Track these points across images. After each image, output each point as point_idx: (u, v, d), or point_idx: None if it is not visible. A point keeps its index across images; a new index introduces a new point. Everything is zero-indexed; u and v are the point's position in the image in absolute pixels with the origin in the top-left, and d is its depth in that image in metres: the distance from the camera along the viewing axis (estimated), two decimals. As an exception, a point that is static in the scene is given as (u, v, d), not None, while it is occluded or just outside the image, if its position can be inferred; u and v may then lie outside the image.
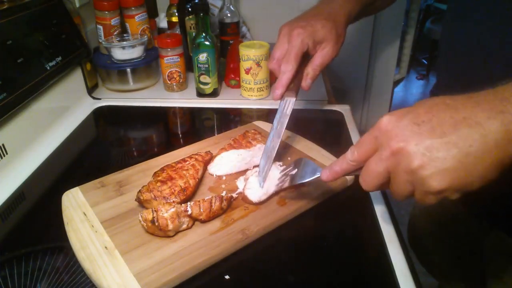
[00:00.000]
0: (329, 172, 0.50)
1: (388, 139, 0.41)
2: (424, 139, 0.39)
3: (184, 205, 0.57)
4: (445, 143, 0.38)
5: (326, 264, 0.56)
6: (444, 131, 0.38)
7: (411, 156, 0.39)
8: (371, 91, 1.74)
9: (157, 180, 0.63)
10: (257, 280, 0.54)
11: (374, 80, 1.71)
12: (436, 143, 0.38)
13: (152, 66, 1.12)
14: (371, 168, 0.43)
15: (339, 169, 0.48)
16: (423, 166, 0.39)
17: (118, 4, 1.08)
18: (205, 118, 1.04)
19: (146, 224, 0.55)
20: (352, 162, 0.46)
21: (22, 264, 0.56)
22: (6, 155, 0.76)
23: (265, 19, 1.42)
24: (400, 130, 0.40)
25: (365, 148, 0.44)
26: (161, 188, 0.61)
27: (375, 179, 0.44)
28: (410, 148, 0.39)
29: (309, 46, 0.64)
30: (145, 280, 0.50)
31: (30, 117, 0.83)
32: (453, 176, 0.38)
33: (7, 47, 0.77)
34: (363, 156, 0.45)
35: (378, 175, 0.43)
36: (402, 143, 0.40)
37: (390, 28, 1.58)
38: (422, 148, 0.39)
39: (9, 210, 0.69)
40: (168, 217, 0.54)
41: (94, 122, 1.00)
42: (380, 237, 0.59)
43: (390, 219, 0.63)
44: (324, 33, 0.64)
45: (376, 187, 0.45)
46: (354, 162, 0.46)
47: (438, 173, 0.38)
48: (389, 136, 0.41)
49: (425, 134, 0.39)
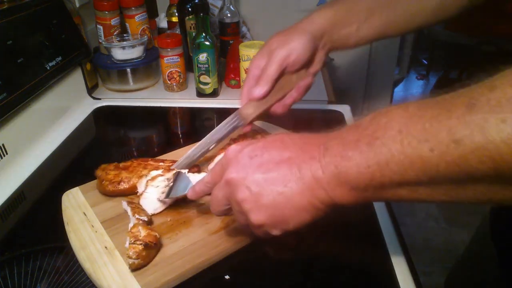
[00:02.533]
0: (192, 191, 0.52)
1: (226, 168, 0.43)
2: (251, 173, 0.40)
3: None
4: (265, 179, 0.40)
5: (325, 264, 0.56)
6: (269, 168, 0.40)
7: (238, 188, 0.41)
8: (371, 91, 1.74)
9: (116, 165, 0.67)
10: (257, 280, 0.54)
11: (374, 80, 1.71)
12: (259, 179, 0.40)
13: (152, 66, 1.12)
14: (213, 194, 0.46)
15: (199, 190, 0.50)
16: (245, 200, 0.41)
17: (118, 4, 1.08)
18: (205, 118, 1.04)
19: None
20: (207, 183, 0.48)
21: (22, 264, 0.56)
22: (6, 155, 0.76)
23: (265, 19, 1.42)
24: (236, 161, 0.42)
25: (215, 173, 0.46)
26: (110, 171, 0.65)
27: (217, 205, 0.46)
28: (238, 180, 0.41)
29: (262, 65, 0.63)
30: (145, 280, 0.49)
31: (30, 117, 0.83)
32: (268, 212, 0.40)
33: (7, 47, 0.77)
34: (213, 180, 0.47)
35: (218, 202, 0.45)
36: (233, 174, 0.42)
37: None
38: (248, 181, 0.40)
39: (9, 210, 0.69)
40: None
41: (94, 122, 1.00)
42: (380, 237, 0.59)
43: (390, 219, 0.63)
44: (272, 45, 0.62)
45: (219, 212, 0.47)
46: (209, 184, 0.48)
47: (256, 208, 0.40)
48: (227, 165, 0.43)
49: (253, 168, 0.41)
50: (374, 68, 1.68)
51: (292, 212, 0.40)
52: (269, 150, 0.41)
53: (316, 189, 0.38)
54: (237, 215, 0.44)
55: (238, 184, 0.41)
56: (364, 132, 0.36)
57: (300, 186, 0.39)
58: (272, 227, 0.42)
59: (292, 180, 0.39)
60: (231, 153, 0.44)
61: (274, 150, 0.41)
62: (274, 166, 0.40)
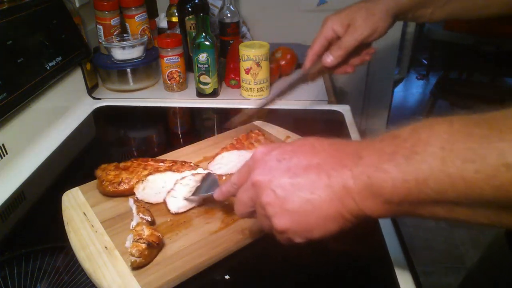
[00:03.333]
0: (219, 191, 0.51)
1: (253, 170, 0.42)
2: (278, 176, 0.39)
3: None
4: (292, 184, 0.38)
5: (325, 264, 0.56)
6: (297, 172, 0.38)
7: (263, 191, 0.40)
8: (371, 91, 1.74)
9: (116, 165, 0.67)
10: (257, 280, 0.54)
11: (374, 80, 1.71)
12: (286, 183, 0.38)
13: (152, 66, 1.12)
14: (238, 195, 0.45)
15: (225, 190, 0.49)
16: (270, 203, 0.39)
17: (118, 4, 1.08)
18: (205, 118, 1.04)
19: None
20: (234, 185, 0.47)
21: (22, 264, 0.56)
22: (6, 155, 0.76)
23: (265, 19, 1.42)
24: (263, 162, 0.41)
25: (242, 174, 0.45)
26: (110, 172, 0.66)
27: (241, 206, 0.45)
28: (264, 183, 0.40)
29: (339, 31, 0.67)
30: (145, 280, 0.50)
31: (30, 117, 0.83)
32: (293, 219, 0.39)
33: (7, 47, 0.77)
34: (239, 181, 0.46)
35: (243, 203, 0.44)
36: (260, 176, 0.40)
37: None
38: (274, 185, 0.39)
39: (9, 210, 0.69)
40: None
41: (94, 122, 1.00)
42: (380, 237, 0.59)
43: (390, 219, 0.63)
44: (355, 16, 0.66)
45: (243, 214, 0.46)
46: (235, 185, 0.47)
47: (281, 213, 0.39)
48: (254, 167, 0.42)
49: (280, 172, 0.39)
50: (374, 68, 1.68)
51: (318, 221, 0.38)
52: (297, 154, 0.40)
53: (346, 198, 0.37)
54: (261, 219, 0.43)
55: (264, 187, 0.40)
56: (403, 144, 0.34)
57: (328, 194, 0.37)
58: (295, 234, 0.40)
59: (320, 188, 0.37)
60: (258, 155, 0.43)
61: (303, 155, 0.40)
62: (302, 172, 0.38)
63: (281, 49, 1.16)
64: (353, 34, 0.65)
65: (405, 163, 0.33)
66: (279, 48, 1.17)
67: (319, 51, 0.70)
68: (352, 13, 0.66)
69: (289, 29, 1.39)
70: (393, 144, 0.35)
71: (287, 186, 0.38)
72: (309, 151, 0.40)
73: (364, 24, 0.65)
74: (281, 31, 1.37)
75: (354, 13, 0.66)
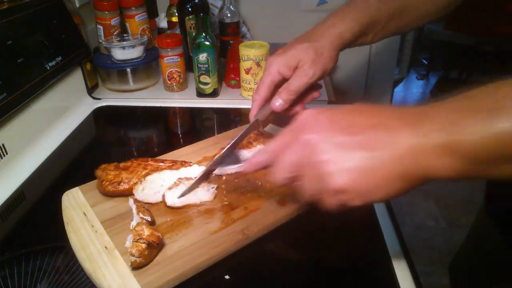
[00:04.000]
0: (249, 163, 0.49)
1: (301, 131, 0.41)
2: (333, 135, 0.38)
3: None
4: (352, 141, 0.37)
5: (326, 264, 0.56)
6: (355, 131, 0.37)
7: (317, 150, 0.38)
8: (371, 91, 1.74)
9: (116, 165, 0.67)
10: (257, 280, 0.54)
11: (374, 80, 1.71)
12: (345, 140, 0.37)
13: (152, 66, 1.12)
14: (280, 159, 0.43)
15: (257, 161, 0.48)
16: (326, 161, 0.38)
17: (118, 4, 1.08)
18: (205, 118, 1.04)
19: None
20: (268, 153, 0.46)
21: (22, 264, 0.56)
22: (6, 155, 0.76)
23: (265, 19, 1.42)
24: (313, 124, 0.40)
25: (281, 140, 0.44)
26: (110, 172, 0.65)
27: (283, 171, 0.43)
28: (318, 142, 0.38)
29: (285, 73, 0.63)
30: (145, 280, 0.50)
31: (30, 117, 0.83)
32: (352, 178, 0.37)
33: (7, 47, 0.77)
34: (279, 147, 0.44)
35: (286, 167, 0.42)
36: (313, 135, 0.39)
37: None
38: (330, 143, 0.38)
39: (9, 210, 0.69)
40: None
41: (94, 122, 1.00)
42: (380, 237, 0.59)
43: (390, 219, 0.63)
44: (303, 58, 0.62)
45: (284, 179, 0.43)
46: (270, 153, 0.45)
47: (339, 171, 0.37)
48: (302, 128, 0.41)
49: (336, 131, 0.38)
50: (374, 68, 1.68)
51: (380, 181, 0.36)
52: (353, 115, 0.39)
53: (413, 158, 0.35)
54: (308, 182, 0.40)
55: (319, 144, 0.38)
56: (482, 101, 0.34)
57: (392, 153, 0.35)
58: (354, 196, 0.38)
59: (383, 147, 0.36)
60: (306, 116, 0.41)
61: (360, 115, 0.39)
62: (362, 130, 0.37)
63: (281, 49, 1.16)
64: (303, 78, 0.61)
65: (488, 118, 0.32)
66: (279, 48, 1.17)
67: (266, 96, 0.65)
68: (299, 54, 0.62)
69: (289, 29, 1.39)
70: (470, 102, 0.34)
71: (346, 144, 0.37)
72: (366, 112, 0.39)
73: (314, 66, 0.61)
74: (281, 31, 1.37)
75: (301, 54, 0.62)
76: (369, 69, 1.69)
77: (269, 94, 0.65)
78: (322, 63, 0.62)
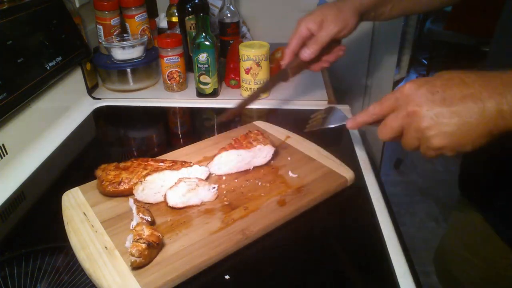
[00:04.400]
0: (353, 121, 0.59)
1: (406, 102, 0.49)
2: (435, 106, 0.47)
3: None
4: (451, 111, 0.46)
5: (326, 264, 0.56)
6: (453, 102, 0.46)
7: (422, 119, 0.48)
8: (371, 91, 1.74)
9: (117, 165, 0.67)
10: (257, 280, 0.54)
11: (374, 80, 1.71)
12: (444, 111, 0.46)
13: (152, 66, 1.12)
14: (388, 123, 0.52)
15: (361, 120, 0.58)
16: (430, 127, 0.47)
17: (118, 4, 1.08)
18: (205, 118, 1.04)
19: None
20: (373, 115, 0.55)
21: (22, 264, 0.56)
22: (6, 155, 0.76)
23: (265, 19, 1.42)
24: (417, 96, 0.48)
25: (386, 105, 0.53)
26: (110, 172, 0.66)
27: (390, 132, 0.52)
28: (422, 112, 0.48)
29: (313, 28, 0.73)
30: (145, 280, 0.50)
31: (30, 117, 0.83)
32: (451, 138, 0.47)
33: (7, 47, 0.77)
34: (382, 111, 0.53)
35: (393, 130, 0.52)
36: (416, 107, 0.48)
37: (390, 28, 1.58)
38: (432, 113, 0.47)
39: (9, 210, 0.69)
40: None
41: (94, 122, 1.00)
42: (380, 237, 0.59)
43: (390, 219, 0.63)
44: (326, 13, 0.72)
45: (390, 138, 0.53)
46: (375, 116, 0.55)
47: (440, 134, 0.47)
48: (407, 100, 0.49)
49: (436, 102, 0.47)
50: (374, 68, 1.68)
51: (472, 138, 0.46)
52: (450, 87, 0.47)
53: (499, 120, 0.44)
54: (410, 141, 0.50)
55: (423, 115, 0.47)
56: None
57: (484, 117, 0.45)
58: (450, 150, 0.48)
59: (477, 113, 0.45)
60: (408, 89, 0.49)
61: (455, 87, 0.47)
62: (458, 101, 0.46)
63: (281, 49, 1.16)
64: (327, 29, 0.72)
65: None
66: (279, 48, 1.17)
67: (295, 49, 0.76)
68: (324, 11, 0.73)
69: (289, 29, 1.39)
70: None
71: (446, 113, 0.46)
72: (460, 83, 0.47)
73: (336, 19, 0.71)
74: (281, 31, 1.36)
75: (325, 11, 0.73)
76: (369, 69, 1.68)
77: (298, 48, 0.75)
78: (344, 18, 0.72)
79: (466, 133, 0.46)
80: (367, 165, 0.76)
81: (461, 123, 0.46)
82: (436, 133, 0.47)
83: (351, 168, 0.71)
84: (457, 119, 0.46)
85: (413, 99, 0.49)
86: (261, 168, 0.72)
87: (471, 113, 0.45)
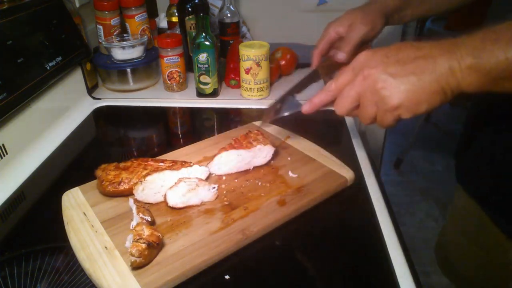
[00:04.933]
0: (309, 104, 0.60)
1: (361, 68, 0.51)
2: (389, 67, 0.49)
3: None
4: (404, 70, 0.48)
5: (326, 264, 0.56)
6: (406, 62, 0.49)
7: (377, 79, 0.49)
8: (371, 91, 1.74)
9: (117, 165, 0.67)
10: (257, 280, 0.54)
11: (374, 80, 1.71)
12: (398, 70, 0.49)
13: (152, 66, 1.12)
14: (345, 93, 0.53)
15: (317, 101, 0.58)
16: (385, 87, 0.49)
17: (118, 4, 1.08)
18: (205, 118, 1.04)
19: None
20: (330, 92, 0.56)
21: (22, 264, 0.56)
22: (6, 155, 0.76)
23: (265, 19, 1.41)
24: (372, 61, 0.51)
25: (342, 79, 0.54)
26: (110, 172, 0.66)
27: (347, 102, 0.53)
28: (377, 73, 0.50)
29: (341, 31, 0.75)
30: (145, 280, 0.50)
31: (30, 117, 0.83)
32: (406, 95, 0.48)
33: (7, 47, 0.77)
34: (340, 85, 0.54)
35: (350, 99, 0.53)
36: (371, 69, 0.50)
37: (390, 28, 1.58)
38: (386, 73, 0.49)
39: (9, 210, 0.69)
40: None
41: (94, 122, 1.00)
42: (380, 237, 0.59)
43: (390, 219, 0.63)
44: (354, 17, 0.74)
45: (347, 110, 0.54)
46: (332, 92, 0.56)
47: (396, 93, 0.49)
48: (362, 65, 0.51)
49: (390, 64, 0.49)
50: (374, 68, 1.68)
51: (426, 96, 0.48)
52: (403, 50, 0.49)
53: (450, 77, 0.46)
54: (370, 107, 0.52)
55: (378, 75, 0.49)
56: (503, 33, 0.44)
57: (436, 74, 0.47)
58: (406, 110, 0.49)
59: (430, 70, 0.47)
60: (364, 56, 0.52)
61: (408, 49, 0.49)
62: (412, 61, 0.48)
63: (281, 49, 1.16)
64: (356, 31, 0.73)
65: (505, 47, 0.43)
66: (279, 48, 1.17)
67: (323, 51, 0.77)
68: (351, 15, 0.75)
69: (289, 29, 1.39)
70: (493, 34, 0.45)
71: (400, 72, 0.48)
72: (412, 47, 0.49)
73: (364, 21, 0.73)
74: (281, 31, 1.37)
75: (352, 15, 0.75)
76: (369, 69, 1.68)
77: (326, 50, 0.78)
78: (371, 19, 0.74)
79: (421, 90, 0.48)
80: (367, 165, 0.76)
81: (415, 79, 0.48)
82: (392, 92, 0.49)
83: (351, 168, 0.71)
84: (411, 76, 0.48)
85: (368, 64, 0.51)
86: (261, 168, 0.72)
87: (423, 69, 0.47)
